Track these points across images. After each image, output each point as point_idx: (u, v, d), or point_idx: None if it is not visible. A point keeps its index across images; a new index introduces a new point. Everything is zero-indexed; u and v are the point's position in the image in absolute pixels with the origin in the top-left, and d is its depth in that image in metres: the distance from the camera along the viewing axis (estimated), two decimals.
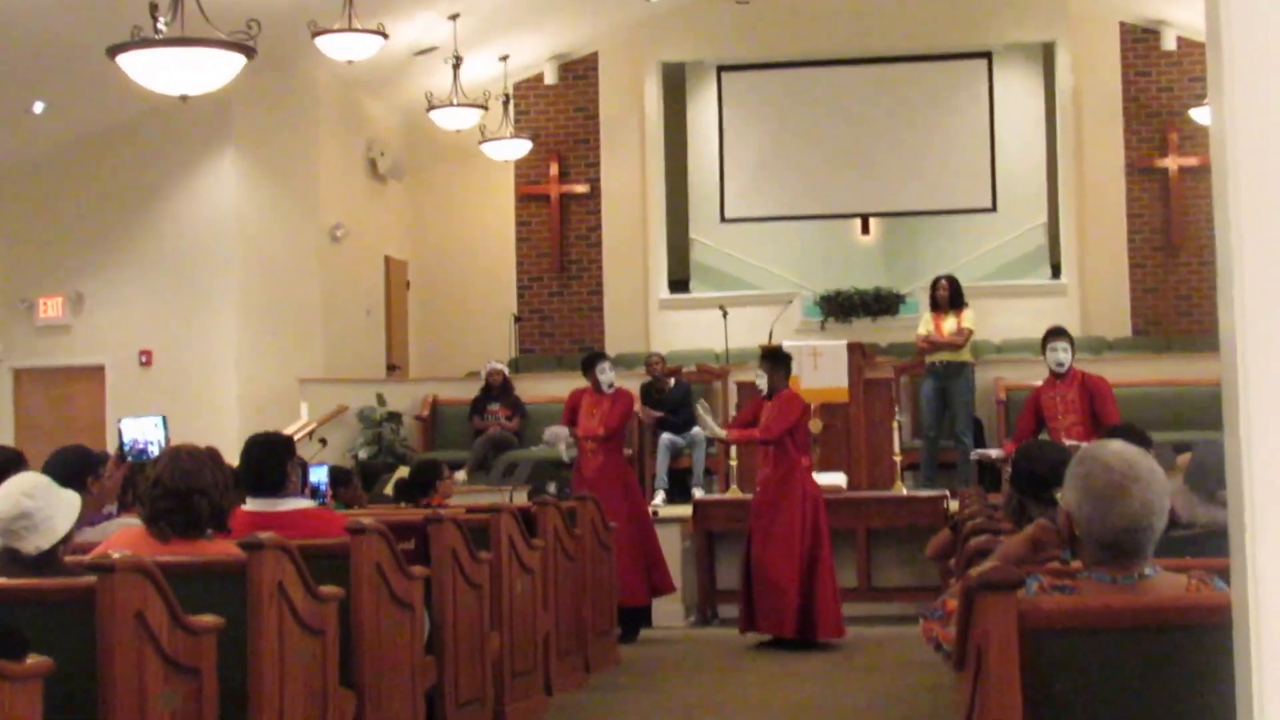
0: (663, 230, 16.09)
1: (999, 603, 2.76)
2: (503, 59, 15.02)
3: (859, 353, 11.65)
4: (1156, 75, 15.32)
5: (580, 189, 15.91)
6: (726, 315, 13.78)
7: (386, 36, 11.47)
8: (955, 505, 9.47)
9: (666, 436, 12.05)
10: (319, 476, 7.54)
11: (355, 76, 13.66)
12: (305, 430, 12.47)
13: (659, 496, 11.77)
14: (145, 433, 5.92)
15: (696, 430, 11.81)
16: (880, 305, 15.40)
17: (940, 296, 11.76)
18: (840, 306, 15.41)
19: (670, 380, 12.52)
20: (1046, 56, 15.95)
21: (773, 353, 9.52)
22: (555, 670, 7.48)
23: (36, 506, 4.07)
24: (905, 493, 10.67)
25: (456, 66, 13.63)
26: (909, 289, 15.35)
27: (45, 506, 4.09)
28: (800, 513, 8.94)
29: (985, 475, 11.81)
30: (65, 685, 3.55)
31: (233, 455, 5.43)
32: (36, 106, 12.59)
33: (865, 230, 16.50)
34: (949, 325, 11.64)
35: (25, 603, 3.88)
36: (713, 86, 16.25)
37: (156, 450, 5.71)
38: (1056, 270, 15.80)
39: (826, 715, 6.97)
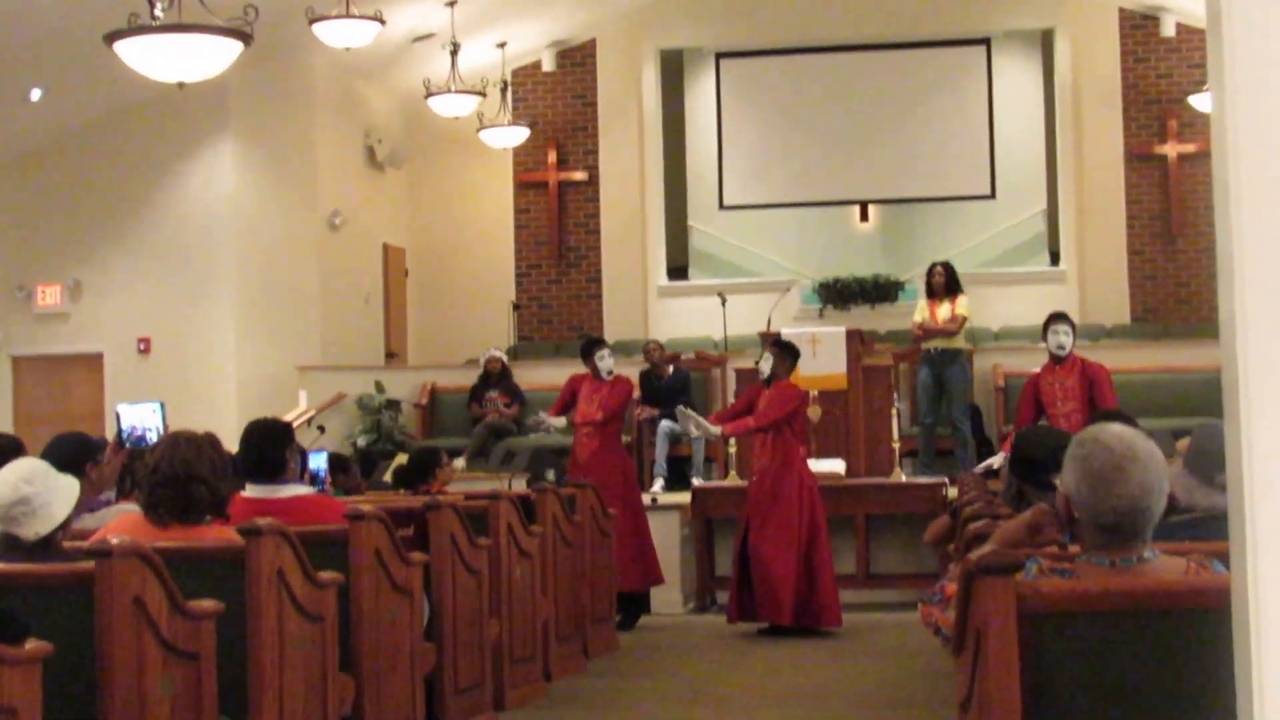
0: (661, 217, 16.07)
1: (998, 586, 2.76)
2: (500, 46, 15.00)
3: (858, 340, 11.64)
4: (1156, 62, 15.30)
5: (578, 176, 15.89)
6: (725, 302, 13.78)
7: (384, 23, 11.45)
8: (954, 492, 9.48)
9: (666, 424, 12.05)
10: (318, 463, 7.53)
11: (353, 63, 13.64)
12: (304, 417, 12.48)
13: (658, 484, 11.77)
14: (143, 419, 5.92)
15: (666, 423, 11.81)
16: (879, 292, 15.40)
17: (936, 283, 11.75)
18: (839, 294, 15.41)
19: (669, 367, 12.51)
20: (1045, 43, 15.93)
21: (784, 343, 9.52)
22: (554, 656, 7.49)
23: (35, 492, 4.07)
24: (904, 480, 10.68)
25: (454, 53, 13.60)
26: (908, 276, 15.34)
27: (44, 492, 4.09)
28: (798, 502, 8.94)
29: (984, 461, 11.81)
30: (64, 670, 3.56)
31: (232, 443, 5.44)
32: (34, 94, 12.57)
33: (864, 217, 16.48)
34: (944, 312, 11.62)
35: (24, 588, 3.89)
36: (711, 73, 16.23)
37: (155, 437, 5.71)
38: (1055, 257, 15.80)
39: (825, 701, 6.98)
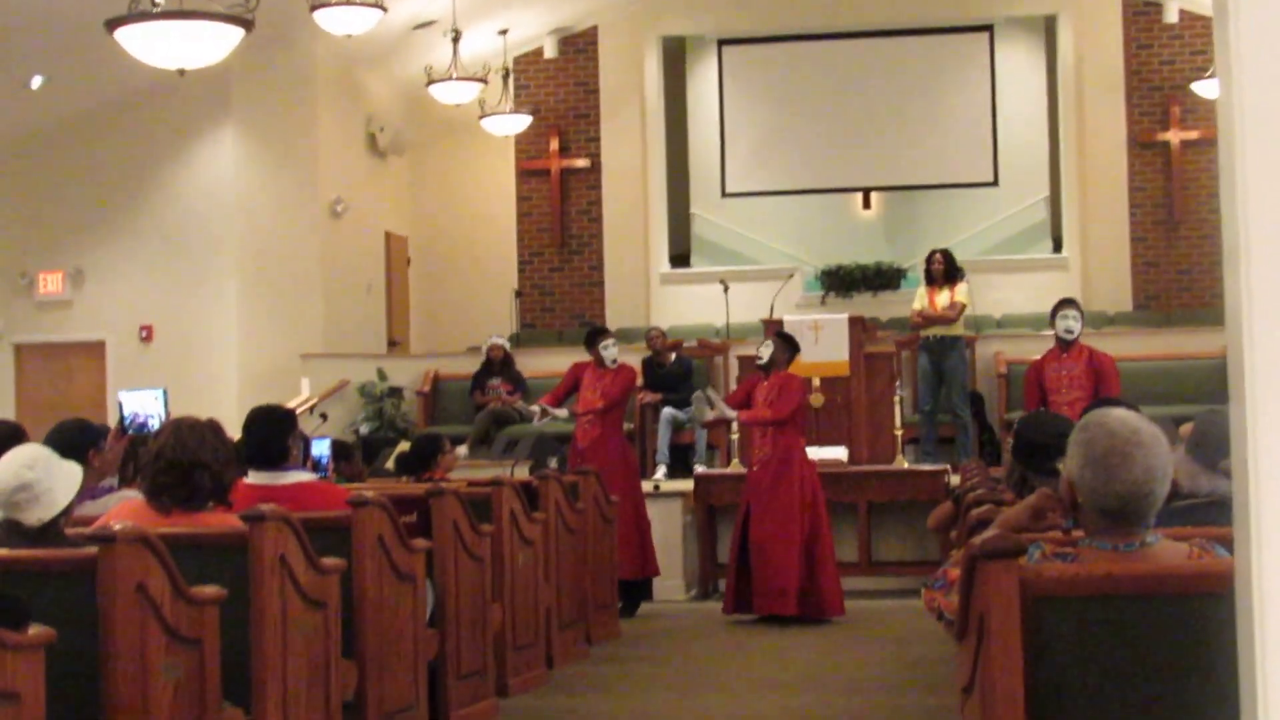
0: (663, 205, 16.06)
1: (1001, 570, 2.76)
2: (502, 33, 14.97)
3: (860, 327, 11.64)
4: (1159, 48, 15.26)
5: (580, 164, 15.88)
6: (727, 290, 13.77)
7: (385, 10, 11.42)
8: (956, 479, 9.48)
9: (668, 411, 12.05)
10: (321, 450, 7.54)
11: (354, 50, 13.62)
12: (306, 405, 12.47)
13: (660, 471, 11.77)
14: (145, 406, 5.93)
15: (669, 410, 11.81)
16: (881, 280, 15.38)
17: (935, 270, 11.74)
18: (841, 281, 15.40)
19: (671, 355, 12.51)
20: (1048, 29, 15.90)
21: (787, 336, 9.52)
22: (557, 643, 7.50)
23: (37, 478, 4.07)
24: (906, 467, 10.68)
25: (456, 40, 13.57)
26: (910, 263, 15.31)
27: (46, 478, 4.09)
28: (799, 492, 8.95)
29: (986, 448, 11.83)
30: (67, 656, 3.56)
31: (234, 431, 5.43)
32: (35, 81, 12.56)
33: (866, 204, 16.47)
34: (943, 299, 11.62)
35: (27, 574, 3.89)
36: (713, 60, 16.20)
37: (157, 424, 5.71)
38: (1058, 244, 15.79)
39: (827, 687, 6.99)
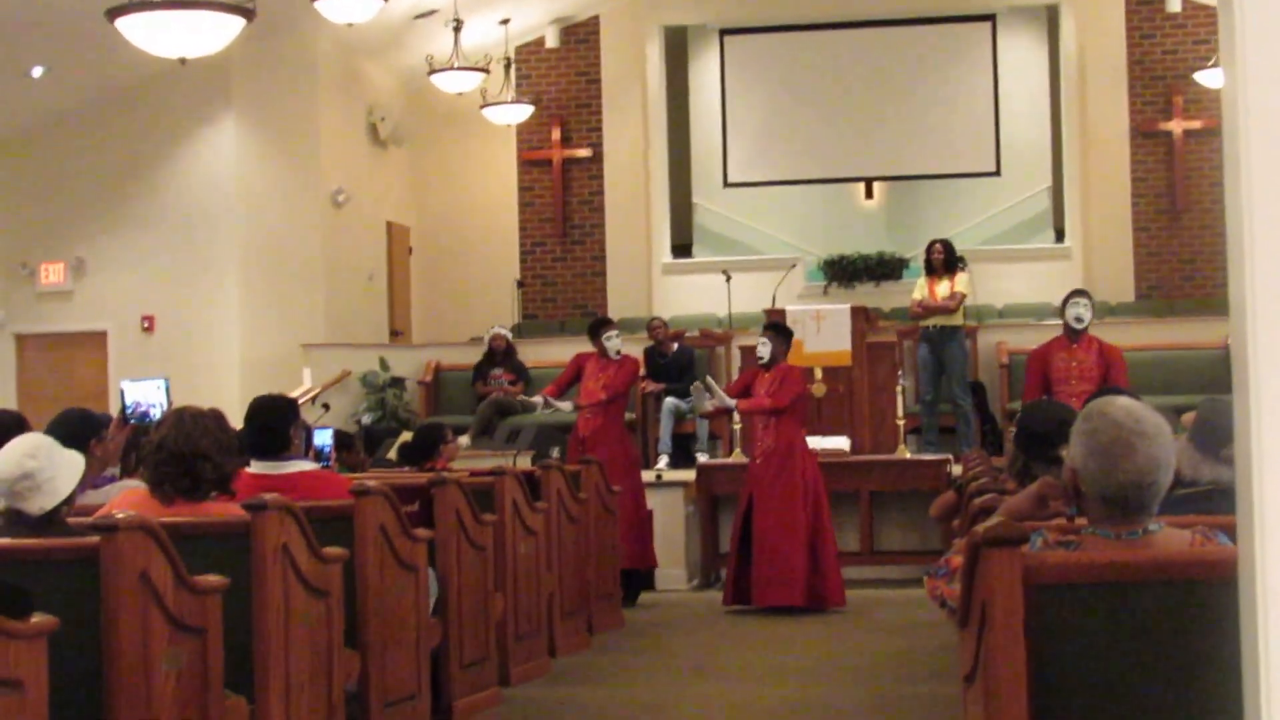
0: (665, 195, 16.05)
1: (1004, 558, 2.76)
2: (503, 22, 14.94)
3: (862, 316, 11.64)
4: (1161, 38, 15.23)
5: (582, 153, 15.86)
6: (729, 280, 13.76)
7: None
8: (958, 469, 9.48)
9: (670, 401, 12.05)
10: (323, 440, 7.54)
11: (355, 40, 13.60)
12: (308, 395, 12.48)
13: (663, 460, 11.78)
14: (147, 396, 5.92)
15: (671, 400, 11.81)
16: (883, 270, 15.38)
17: (935, 260, 11.75)
18: (843, 271, 15.39)
19: (673, 345, 12.51)
20: (1051, 19, 15.87)
21: (779, 325, 9.52)
22: (559, 632, 7.50)
23: (39, 467, 4.07)
24: (908, 456, 10.68)
25: (457, 30, 13.55)
26: (912, 253, 15.29)
27: (48, 467, 4.09)
28: (802, 482, 8.96)
29: (988, 438, 11.83)
30: (70, 645, 3.56)
31: (236, 421, 5.43)
32: (35, 71, 12.54)
33: (869, 194, 16.45)
34: (943, 289, 11.63)
35: (30, 562, 3.90)
36: (715, 50, 16.17)
37: (159, 413, 5.71)
38: (1060, 234, 15.77)
39: (829, 676, 7.00)
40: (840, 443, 10.58)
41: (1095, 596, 2.78)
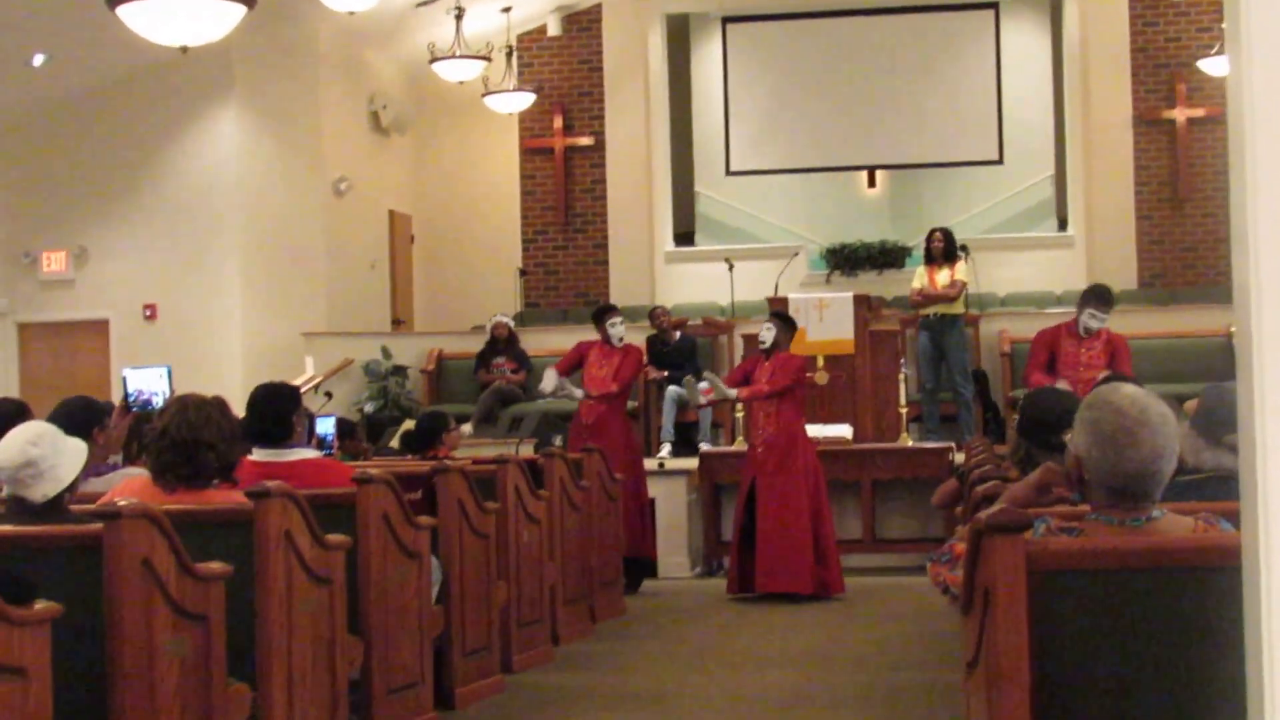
0: (668, 183, 16.03)
1: (1007, 544, 2.76)
2: (505, 10, 14.91)
3: (865, 305, 11.64)
4: (1164, 26, 15.20)
5: (585, 142, 15.84)
6: (732, 268, 13.76)
7: None
8: (961, 457, 9.48)
9: (673, 389, 12.05)
10: (325, 428, 7.54)
11: (357, 28, 13.57)
12: (311, 384, 12.48)
13: (665, 449, 11.78)
14: (150, 384, 5.93)
15: (704, 384, 11.80)
16: (886, 258, 15.37)
17: (935, 249, 11.76)
18: (846, 259, 15.38)
19: (675, 333, 12.50)
20: (1054, 7, 15.84)
21: (784, 315, 9.52)
22: (562, 620, 7.51)
23: (42, 454, 4.08)
24: (911, 444, 10.68)
25: (459, 18, 13.54)
26: (915, 242, 15.26)
27: (51, 454, 4.10)
28: (804, 470, 8.97)
29: (990, 426, 11.83)
30: (73, 631, 3.57)
31: (238, 409, 5.43)
32: (36, 59, 12.52)
33: (871, 183, 16.43)
34: (943, 278, 11.63)
35: (33, 550, 3.90)
36: (717, 38, 16.15)
37: (161, 401, 5.71)
38: (1063, 222, 15.75)
39: (831, 662, 7.01)
40: (843, 431, 10.58)
41: (1098, 583, 2.78)
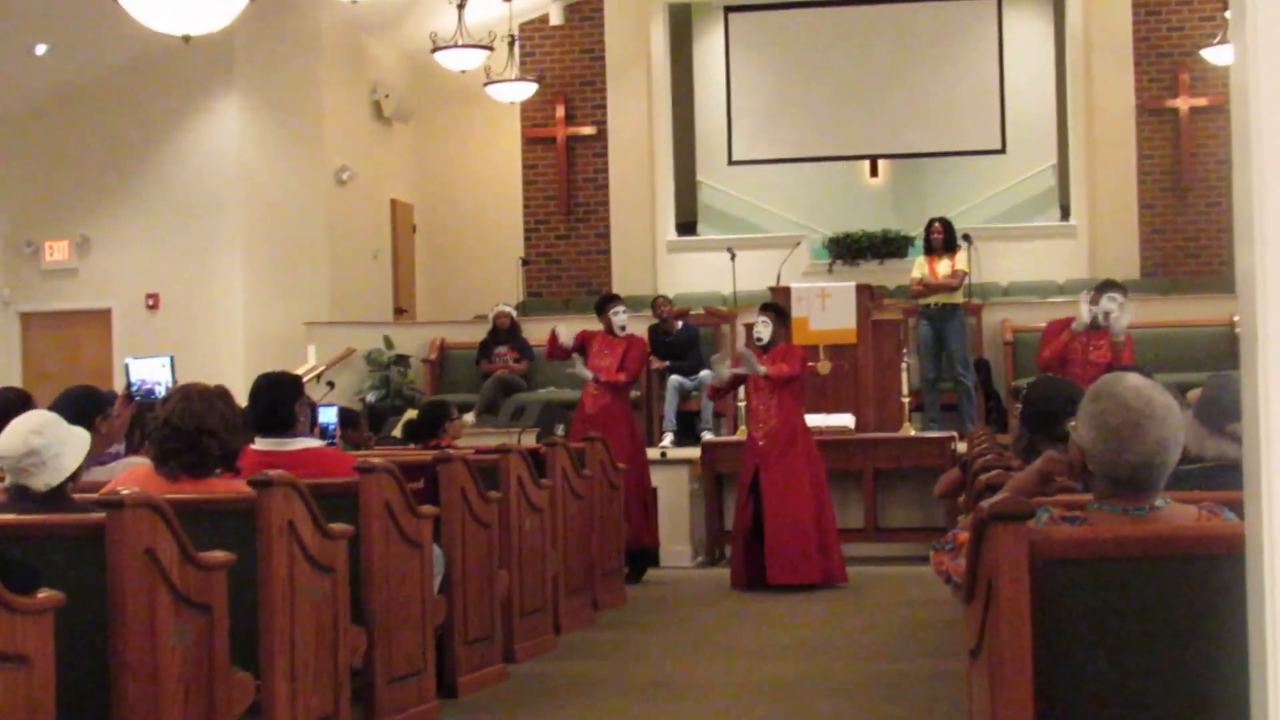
0: (670, 173, 16.02)
1: (1010, 533, 2.75)
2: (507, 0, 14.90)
3: (867, 294, 11.63)
4: (1167, 15, 15.18)
5: (587, 131, 15.83)
6: (734, 258, 13.75)
7: None
8: (963, 446, 9.47)
9: (675, 379, 12.07)
10: (328, 417, 7.54)
11: (359, 17, 13.56)
12: (313, 373, 12.49)
13: (667, 438, 11.79)
14: (152, 373, 5.94)
15: (705, 373, 11.81)
16: (888, 248, 15.36)
17: (934, 239, 11.75)
18: (848, 249, 15.37)
19: (678, 323, 12.50)
20: None
21: (778, 308, 9.51)
22: (564, 609, 7.51)
23: (45, 443, 4.08)
24: (913, 434, 10.68)
25: (461, 7, 13.51)
26: (917, 231, 15.25)
27: (54, 443, 4.10)
28: (806, 460, 8.97)
29: (992, 415, 11.83)
30: (76, 620, 3.57)
31: (240, 399, 5.43)
32: (39, 49, 12.52)
33: (874, 172, 16.42)
34: (944, 268, 11.63)
35: (36, 538, 3.90)
36: (720, 27, 16.13)
37: (163, 390, 5.72)
38: (1065, 212, 15.74)
39: (833, 651, 7.01)
40: (845, 420, 10.57)
41: (1101, 571, 2.78)
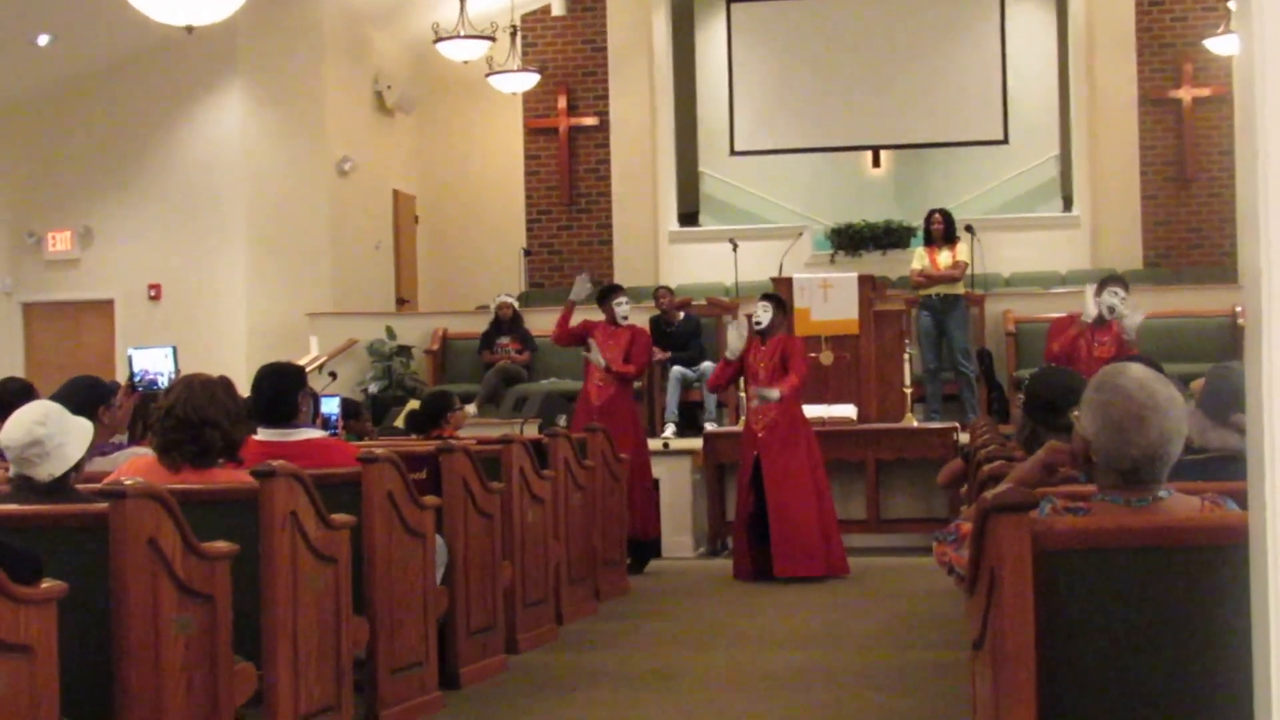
0: (672, 163, 16.01)
1: (1013, 524, 2.75)
2: None
3: (869, 285, 11.63)
4: (1170, 4, 15.15)
5: (589, 122, 15.82)
6: (736, 248, 13.74)
7: None
8: (965, 437, 9.48)
9: (677, 369, 12.06)
10: (330, 408, 7.55)
11: (361, 7, 13.55)
12: (315, 364, 12.49)
13: (669, 429, 11.79)
14: (155, 364, 5.94)
15: (707, 364, 11.81)
16: (890, 238, 15.34)
17: (935, 231, 11.76)
18: (850, 240, 15.36)
19: (679, 314, 12.50)
20: None
21: (779, 298, 9.51)
22: (566, 599, 7.52)
23: (48, 434, 4.08)
24: (915, 425, 10.67)
25: None
26: (919, 222, 15.22)
27: (57, 434, 4.10)
28: (807, 451, 8.97)
29: (994, 405, 11.82)
30: (79, 610, 3.57)
31: (243, 390, 5.43)
32: (41, 39, 12.51)
33: (876, 163, 16.40)
34: (944, 259, 11.63)
35: (39, 529, 3.90)
36: (722, 18, 16.11)
37: (166, 381, 5.72)
38: (1068, 202, 15.73)
39: (836, 642, 7.02)
40: (847, 411, 10.57)
41: (1104, 562, 2.78)
